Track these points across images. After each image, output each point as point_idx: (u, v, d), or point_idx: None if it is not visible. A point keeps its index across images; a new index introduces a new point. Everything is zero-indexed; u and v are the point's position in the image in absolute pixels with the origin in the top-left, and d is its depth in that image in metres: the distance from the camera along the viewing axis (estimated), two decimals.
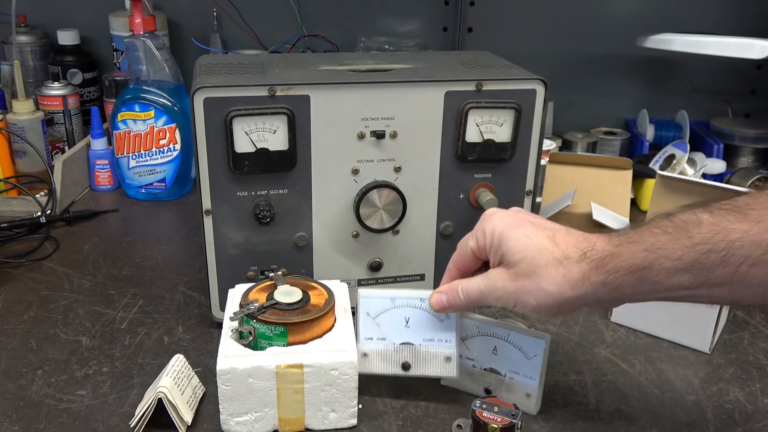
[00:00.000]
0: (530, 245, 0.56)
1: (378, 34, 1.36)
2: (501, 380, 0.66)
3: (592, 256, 0.53)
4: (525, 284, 0.56)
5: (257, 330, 0.63)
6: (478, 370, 0.67)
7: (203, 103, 0.69)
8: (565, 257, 0.54)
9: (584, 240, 0.55)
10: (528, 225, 0.58)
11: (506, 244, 0.57)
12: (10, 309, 0.82)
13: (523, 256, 0.56)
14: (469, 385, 0.69)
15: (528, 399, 0.65)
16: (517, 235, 0.57)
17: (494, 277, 0.58)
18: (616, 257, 0.52)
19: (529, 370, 0.65)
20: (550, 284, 0.54)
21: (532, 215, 0.61)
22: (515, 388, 0.66)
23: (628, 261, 0.52)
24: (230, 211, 0.74)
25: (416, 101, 0.74)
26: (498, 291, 0.58)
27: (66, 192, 1.11)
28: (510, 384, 0.66)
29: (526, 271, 0.56)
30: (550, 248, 0.55)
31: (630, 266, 0.52)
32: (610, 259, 0.53)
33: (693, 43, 1.13)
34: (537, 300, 0.55)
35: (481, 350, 0.67)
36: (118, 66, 1.32)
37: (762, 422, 0.66)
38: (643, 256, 0.51)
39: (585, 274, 0.53)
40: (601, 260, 0.53)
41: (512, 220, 0.59)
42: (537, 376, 0.64)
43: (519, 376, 0.65)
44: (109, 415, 0.65)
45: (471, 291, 0.60)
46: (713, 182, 0.83)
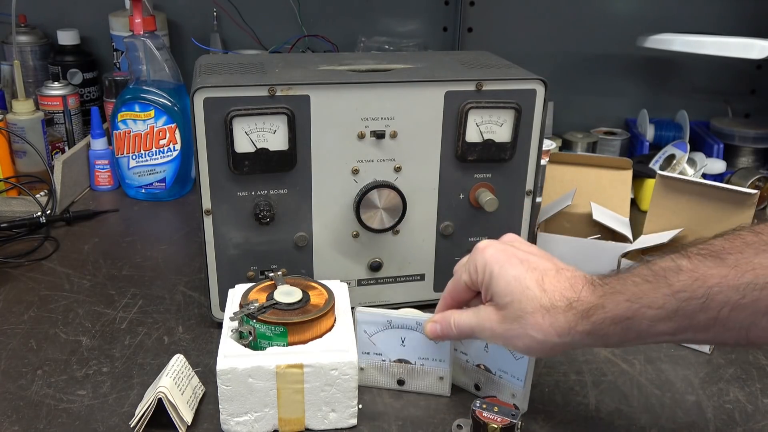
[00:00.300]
0: (518, 289, 0.56)
1: (378, 34, 1.36)
2: (491, 378, 0.67)
3: (578, 307, 0.54)
4: (512, 328, 0.57)
5: (257, 330, 0.63)
6: (471, 365, 0.68)
7: (203, 103, 0.69)
8: (551, 306, 0.55)
9: (570, 288, 0.55)
10: (518, 265, 0.58)
11: (496, 284, 0.58)
12: (10, 309, 0.82)
13: (511, 300, 0.56)
14: (461, 380, 0.69)
15: (514, 398, 0.66)
16: (507, 276, 0.57)
17: (484, 316, 0.59)
18: (600, 308, 0.53)
19: (516, 371, 0.65)
20: (537, 331, 0.55)
21: (524, 247, 0.61)
22: (503, 386, 0.66)
23: (612, 312, 0.52)
24: (230, 211, 0.74)
25: (416, 101, 0.74)
26: (486, 330, 0.59)
27: (66, 192, 1.11)
28: (499, 382, 0.66)
29: (514, 316, 0.56)
30: (537, 294, 0.56)
31: (614, 317, 0.52)
32: (594, 311, 0.53)
33: (693, 43, 1.13)
34: (524, 344, 0.57)
35: (474, 346, 0.67)
36: (118, 66, 1.32)
37: (762, 422, 0.66)
38: (626, 306, 0.52)
39: (571, 324, 0.54)
40: (586, 311, 0.54)
41: (503, 257, 0.59)
42: (523, 376, 0.65)
43: (507, 376, 0.66)
44: (109, 415, 0.65)
45: (462, 325, 0.61)
46: (713, 182, 0.83)
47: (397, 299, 0.83)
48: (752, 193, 0.78)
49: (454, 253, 0.82)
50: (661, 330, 0.51)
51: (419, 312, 0.69)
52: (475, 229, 0.81)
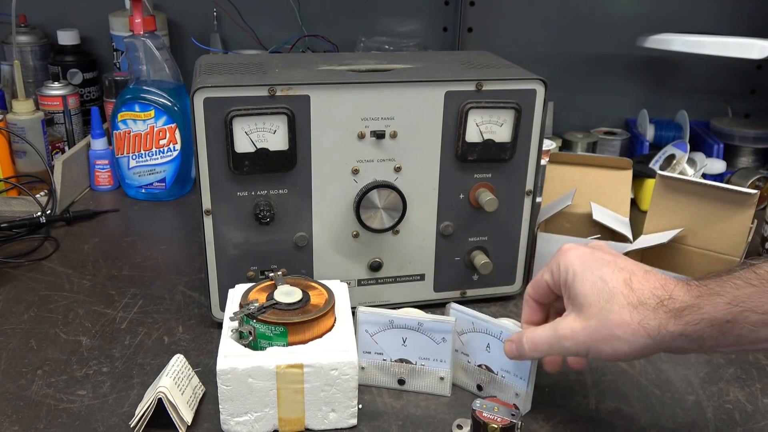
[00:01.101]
0: (604, 289, 0.53)
1: (378, 34, 1.36)
2: (493, 378, 0.67)
3: (670, 306, 0.51)
4: (597, 330, 0.53)
5: (257, 330, 0.63)
6: (473, 366, 0.68)
7: (203, 103, 0.69)
8: (639, 303, 0.52)
9: (661, 287, 0.53)
10: (604, 266, 0.55)
11: (579, 285, 0.55)
12: (10, 309, 0.82)
13: (595, 299, 0.54)
14: (463, 380, 0.69)
15: (517, 399, 0.66)
16: (591, 277, 0.55)
17: (563, 327, 0.56)
18: (696, 309, 0.50)
19: (519, 370, 0.65)
20: (624, 330, 0.52)
21: (611, 252, 0.58)
22: (506, 387, 0.66)
23: (709, 314, 0.50)
24: (230, 211, 0.74)
25: (416, 101, 0.74)
26: (567, 341, 0.55)
27: (66, 192, 1.11)
28: (502, 382, 0.66)
29: (598, 316, 0.53)
30: (624, 292, 0.53)
31: (712, 319, 0.50)
32: (689, 311, 0.50)
33: (693, 43, 1.13)
34: (612, 348, 0.53)
35: (474, 346, 0.67)
36: (118, 66, 1.32)
37: (762, 422, 0.66)
38: (726, 309, 0.49)
39: (661, 323, 0.51)
40: (679, 310, 0.51)
41: (588, 260, 0.56)
42: (526, 376, 0.65)
43: (510, 375, 0.66)
44: (109, 415, 0.65)
45: (537, 343, 0.58)
46: (713, 182, 0.83)
47: (397, 299, 0.83)
48: (752, 193, 0.78)
49: (454, 253, 0.82)
50: (765, 336, 0.49)
51: (421, 312, 0.69)
52: (475, 229, 0.81)
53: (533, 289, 0.63)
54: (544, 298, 0.63)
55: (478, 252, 0.81)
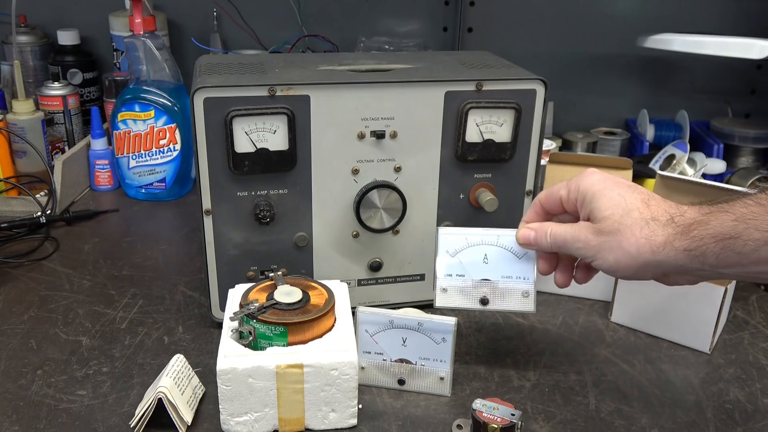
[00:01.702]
0: (621, 204, 0.56)
1: (378, 34, 1.36)
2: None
3: (680, 222, 0.53)
4: (607, 240, 0.56)
5: (257, 330, 0.63)
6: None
7: (203, 103, 0.69)
8: (652, 218, 0.55)
9: (675, 207, 0.55)
10: (625, 187, 0.58)
11: (598, 200, 0.58)
12: (10, 309, 0.82)
13: (611, 213, 0.57)
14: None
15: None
16: (611, 194, 0.58)
17: (580, 229, 0.59)
18: (703, 224, 0.52)
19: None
20: (631, 244, 0.55)
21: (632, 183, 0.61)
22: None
23: (715, 229, 0.51)
24: (230, 211, 0.74)
25: (416, 101, 0.74)
26: (580, 242, 0.59)
27: (66, 192, 1.11)
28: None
29: (611, 228, 0.56)
30: (640, 209, 0.56)
31: (716, 234, 0.51)
32: (696, 226, 0.52)
33: (693, 43, 1.13)
34: (615, 258, 0.56)
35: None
36: (118, 66, 1.32)
37: (762, 422, 0.66)
38: (732, 225, 0.51)
39: (668, 239, 0.53)
40: (687, 226, 0.53)
41: (611, 182, 0.59)
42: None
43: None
44: (109, 415, 0.65)
45: (557, 236, 0.61)
46: (713, 182, 0.83)
47: (397, 299, 0.83)
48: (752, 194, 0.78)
49: None
50: (764, 256, 0.50)
51: (420, 312, 0.69)
52: None
53: (546, 197, 0.65)
54: (552, 208, 0.65)
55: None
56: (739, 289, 0.88)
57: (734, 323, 0.82)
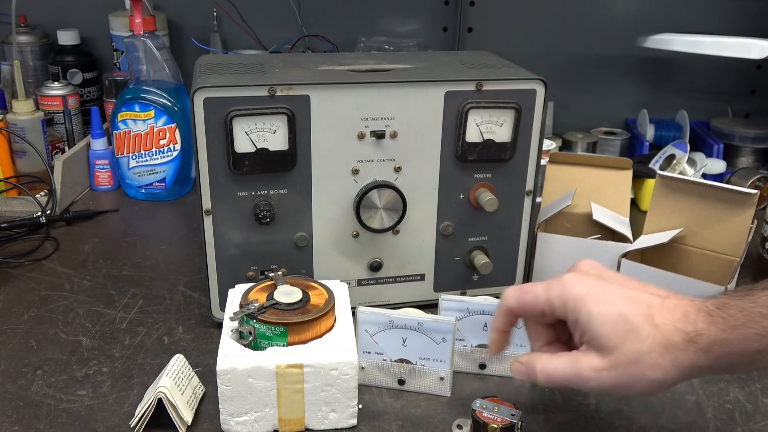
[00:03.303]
0: (627, 329, 0.51)
1: (378, 34, 1.35)
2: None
3: (699, 341, 0.50)
4: (625, 373, 0.51)
5: (257, 330, 0.63)
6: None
7: (203, 103, 0.69)
8: (668, 342, 0.50)
9: (683, 318, 0.51)
10: (621, 301, 0.52)
11: (599, 327, 0.52)
12: (10, 309, 0.82)
13: (620, 342, 0.51)
14: (463, 364, 0.70)
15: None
16: (610, 316, 0.52)
17: (585, 366, 0.53)
18: (725, 344, 0.49)
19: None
20: (657, 372, 0.50)
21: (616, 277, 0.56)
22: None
23: (740, 347, 0.49)
24: (230, 211, 0.74)
25: (416, 101, 0.74)
26: (591, 382, 0.52)
27: (66, 192, 1.11)
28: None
29: (627, 360, 0.51)
30: (650, 331, 0.51)
31: (742, 352, 0.49)
32: (719, 347, 0.49)
33: (693, 43, 1.13)
34: (643, 387, 0.52)
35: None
36: (118, 66, 1.32)
37: (762, 422, 0.66)
38: (756, 340, 0.49)
39: (693, 361, 0.50)
40: (708, 345, 0.50)
41: (599, 294, 0.53)
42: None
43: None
44: (109, 415, 0.65)
45: (554, 375, 0.54)
46: (713, 182, 0.83)
47: (397, 299, 0.83)
48: (752, 193, 0.78)
49: (454, 253, 0.82)
50: None
51: (421, 312, 0.69)
52: (475, 229, 0.81)
53: (519, 304, 0.57)
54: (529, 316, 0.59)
55: (478, 252, 0.81)
56: None
57: None
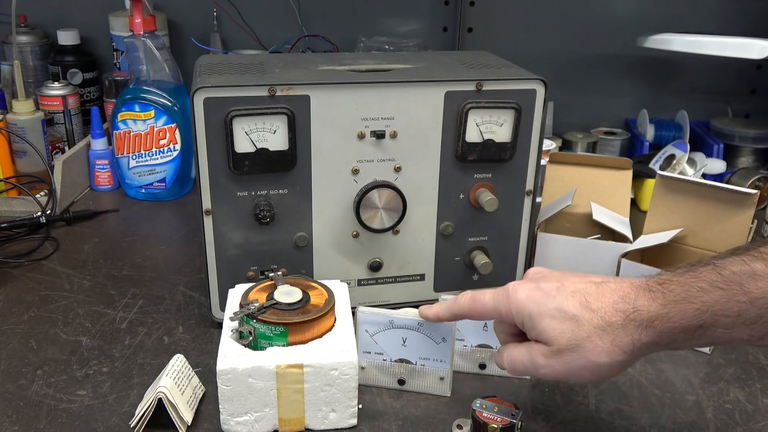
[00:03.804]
0: (565, 318, 0.53)
1: (378, 34, 1.35)
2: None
3: (637, 318, 0.51)
4: (571, 360, 0.53)
5: (257, 330, 0.63)
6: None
7: (203, 103, 0.69)
8: (606, 324, 0.51)
9: (621, 300, 0.52)
10: (556, 296, 0.54)
11: (539, 323, 0.54)
12: (10, 309, 0.82)
13: (560, 331, 0.53)
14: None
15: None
16: (548, 311, 0.54)
17: (537, 352, 0.55)
18: (665, 319, 0.50)
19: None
20: (599, 354, 0.52)
21: (554, 277, 0.57)
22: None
23: (680, 322, 0.50)
24: (230, 211, 0.74)
25: (416, 101, 0.74)
26: (543, 369, 0.55)
27: (66, 192, 1.11)
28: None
29: (569, 347, 0.52)
30: (587, 316, 0.52)
31: (684, 327, 0.50)
32: (659, 322, 0.50)
33: (693, 43, 1.13)
34: (591, 372, 0.53)
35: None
36: (118, 66, 1.32)
37: (762, 422, 0.66)
38: (696, 316, 0.49)
39: (634, 338, 0.51)
40: (648, 321, 0.51)
41: (538, 295, 0.55)
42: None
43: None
44: (109, 415, 0.65)
45: (515, 363, 0.57)
46: (713, 182, 0.83)
47: (397, 299, 0.83)
48: (752, 193, 0.78)
49: (454, 253, 0.82)
50: (738, 336, 0.49)
51: None
52: (475, 229, 0.81)
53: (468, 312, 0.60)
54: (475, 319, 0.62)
55: (478, 252, 0.81)
56: None
57: None
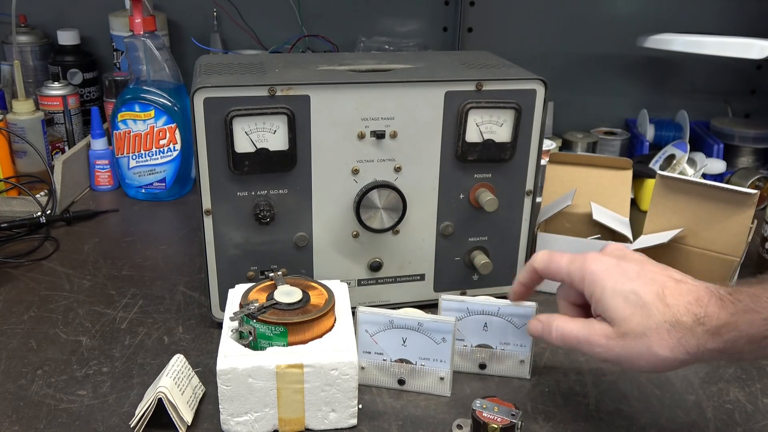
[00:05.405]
0: (638, 303, 0.53)
1: (378, 34, 1.35)
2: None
3: (707, 324, 0.51)
4: (632, 345, 0.53)
5: (257, 330, 0.63)
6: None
7: (203, 103, 0.69)
8: (676, 321, 0.52)
9: (695, 302, 0.52)
10: (635, 279, 0.54)
11: (610, 299, 0.54)
12: (10, 309, 0.82)
13: (630, 314, 0.53)
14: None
15: (522, 365, 0.69)
16: (623, 291, 0.54)
17: (597, 331, 0.55)
18: (733, 327, 0.50)
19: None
20: (663, 348, 0.52)
21: (637, 260, 0.57)
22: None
23: (747, 331, 0.50)
24: (230, 211, 0.74)
25: (416, 101, 0.74)
26: (599, 348, 0.55)
27: (66, 192, 1.11)
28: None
29: (635, 333, 0.53)
30: (660, 308, 0.52)
31: (750, 336, 0.50)
32: (726, 330, 0.50)
33: (693, 43, 1.13)
34: (648, 363, 0.53)
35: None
36: (118, 66, 1.32)
37: (762, 422, 0.66)
38: (764, 326, 0.49)
39: (700, 342, 0.51)
40: (716, 328, 0.51)
41: (616, 273, 0.55)
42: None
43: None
44: (109, 415, 0.65)
45: (567, 336, 0.57)
46: (713, 182, 0.83)
47: (397, 299, 0.83)
48: (752, 193, 0.78)
49: (454, 253, 0.82)
50: None
51: (421, 312, 0.69)
52: (475, 229, 0.81)
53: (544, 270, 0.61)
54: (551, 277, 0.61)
55: (478, 252, 0.81)
56: None
57: None
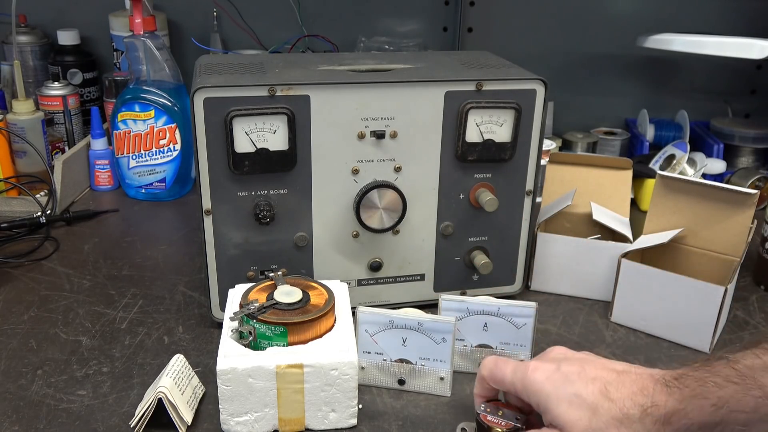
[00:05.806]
0: (583, 406, 0.52)
1: (378, 34, 1.36)
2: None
3: (655, 413, 0.50)
4: None
5: (257, 330, 0.63)
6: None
7: (203, 103, 0.69)
8: (624, 415, 0.51)
9: (640, 392, 0.51)
10: (576, 381, 0.54)
11: (556, 408, 0.53)
12: (10, 309, 0.82)
13: (577, 418, 0.52)
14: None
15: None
16: (566, 396, 0.53)
17: None
18: (682, 415, 0.49)
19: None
20: None
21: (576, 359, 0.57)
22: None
23: (698, 418, 0.49)
24: (230, 211, 0.74)
25: (416, 101, 0.74)
26: None
27: (66, 192, 1.11)
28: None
29: None
30: (605, 405, 0.52)
31: (701, 423, 0.49)
32: (677, 417, 0.50)
33: (693, 43, 1.13)
34: None
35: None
36: (118, 66, 1.32)
37: None
38: (712, 412, 0.48)
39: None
40: (666, 417, 0.50)
41: (557, 378, 0.54)
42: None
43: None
44: (109, 415, 0.65)
45: None
46: (713, 182, 0.83)
47: (397, 299, 0.83)
48: (752, 193, 0.78)
49: (454, 253, 0.82)
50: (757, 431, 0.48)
51: (421, 312, 0.69)
52: (475, 229, 0.81)
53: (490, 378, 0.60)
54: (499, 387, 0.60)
55: (478, 252, 0.81)
56: (739, 289, 0.88)
57: (734, 323, 0.82)
